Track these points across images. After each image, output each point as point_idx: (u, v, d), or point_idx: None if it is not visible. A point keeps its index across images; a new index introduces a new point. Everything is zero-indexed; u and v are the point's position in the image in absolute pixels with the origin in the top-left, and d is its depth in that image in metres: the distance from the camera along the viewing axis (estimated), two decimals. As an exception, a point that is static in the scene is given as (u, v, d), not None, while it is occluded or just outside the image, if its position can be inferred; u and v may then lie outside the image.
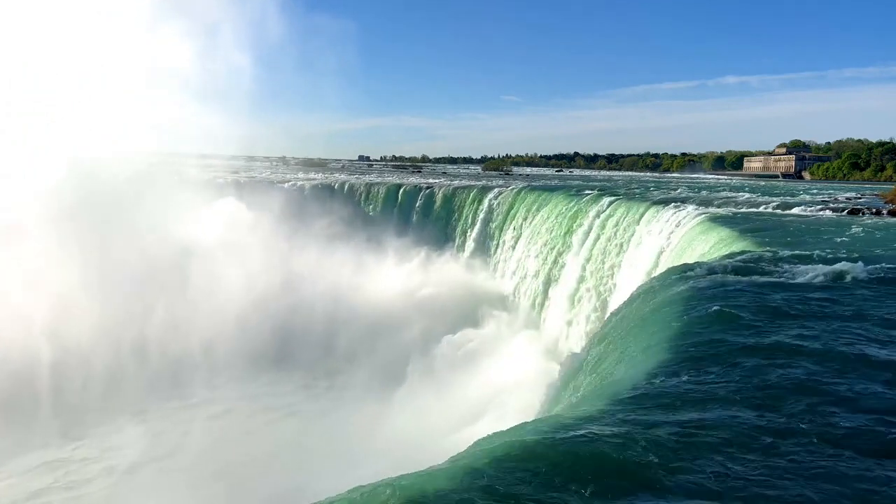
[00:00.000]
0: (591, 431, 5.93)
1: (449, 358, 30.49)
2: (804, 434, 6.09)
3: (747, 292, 11.31)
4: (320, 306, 36.35)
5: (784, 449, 5.81)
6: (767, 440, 5.94)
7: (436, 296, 38.69)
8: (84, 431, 26.48)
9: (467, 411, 22.45)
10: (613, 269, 28.01)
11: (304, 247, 41.55)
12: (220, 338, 31.84)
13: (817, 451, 5.80)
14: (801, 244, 16.90)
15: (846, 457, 5.70)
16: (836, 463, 5.59)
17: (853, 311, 10.35)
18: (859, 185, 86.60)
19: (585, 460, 5.39)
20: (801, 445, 5.89)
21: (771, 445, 5.86)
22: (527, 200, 42.41)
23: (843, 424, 6.32)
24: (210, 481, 21.24)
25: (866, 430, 6.22)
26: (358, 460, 19.03)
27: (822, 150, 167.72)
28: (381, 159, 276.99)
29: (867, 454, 5.76)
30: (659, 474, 5.26)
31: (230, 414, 28.55)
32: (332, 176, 70.65)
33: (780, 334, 9.00)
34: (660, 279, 13.90)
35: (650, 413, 6.50)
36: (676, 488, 5.08)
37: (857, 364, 7.91)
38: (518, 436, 6.04)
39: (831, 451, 5.80)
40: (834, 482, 5.27)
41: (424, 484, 5.08)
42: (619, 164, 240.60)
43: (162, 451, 24.82)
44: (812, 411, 6.60)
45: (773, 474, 5.34)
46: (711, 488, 5.10)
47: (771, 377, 7.44)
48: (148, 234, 32.08)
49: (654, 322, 10.52)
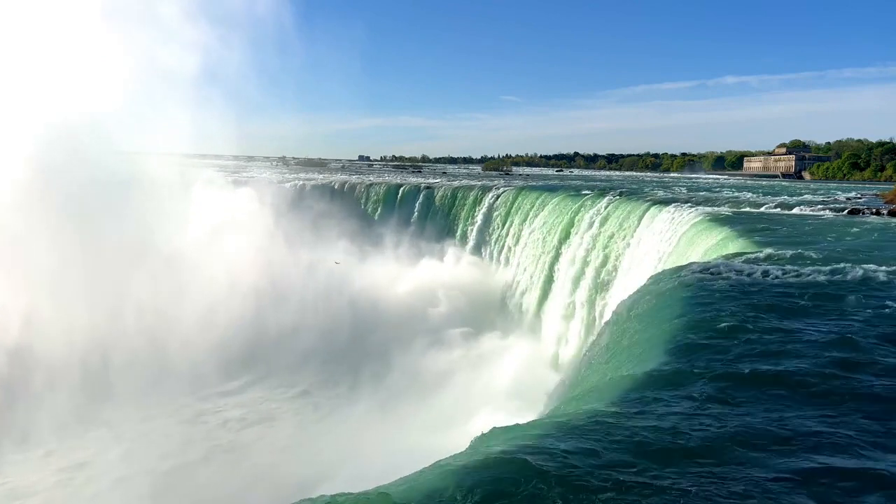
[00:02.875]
0: (592, 431, 5.91)
1: (447, 358, 30.45)
2: (804, 435, 6.08)
3: (747, 292, 11.30)
4: (310, 307, 35.51)
5: (782, 449, 5.80)
6: (767, 440, 5.93)
7: (435, 296, 38.64)
8: (45, 438, 24.25)
9: (467, 411, 22.42)
10: (613, 269, 27.99)
11: (303, 247, 41.39)
12: (199, 340, 30.05)
13: (819, 451, 5.79)
14: (802, 244, 16.89)
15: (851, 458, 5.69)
16: (838, 463, 5.58)
17: (853, 310, 10.35)
18: (859, 185, 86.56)
19: (585, 460, 5.38)
20: (800, 446, 5.88)
21: (771, 445, 5.85)
22: (527, 200, 42.37)
23: (846, 425, 6.31)
24: (178, 491, 20.20)
25: (870, 429, 6.21)
26: (347, 465, 18.72)
27: (822, 150, 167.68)
28: (381, 159, 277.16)
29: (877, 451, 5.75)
30: (659, 474, 5.25)
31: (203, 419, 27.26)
32: (333, 176, 70.62)
33: (780, 334, 9.00)
34: (660, 279, 13.89)
35: (650, 413, 6.48)
36: (677, 488, 5.07)
37: (858, 364, 7.90)
38: (518, 435, 6.03)
39: (835, 452, 5.79)
40: (837, 482, 5.26)
41: (424, 483, 5.07)
42: (619, 164, 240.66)
43: (129, 459, 22.95)
44: (813, 411, 6.59)
45: (772, 474, 5.33)
46: (712, 488, 5.08)
47: (771, 377, 7.43)
48: (126, 232, 30.00)
49: (655, 322, 10.51)
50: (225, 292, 33.06)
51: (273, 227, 41.22)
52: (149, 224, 31.66)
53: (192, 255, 33.57)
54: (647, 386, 7.33)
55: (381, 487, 5.03)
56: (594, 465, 5.32)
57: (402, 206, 52.34)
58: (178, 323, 30.24)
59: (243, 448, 24.43)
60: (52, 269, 27.11)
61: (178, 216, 34.94)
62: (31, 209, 27.32)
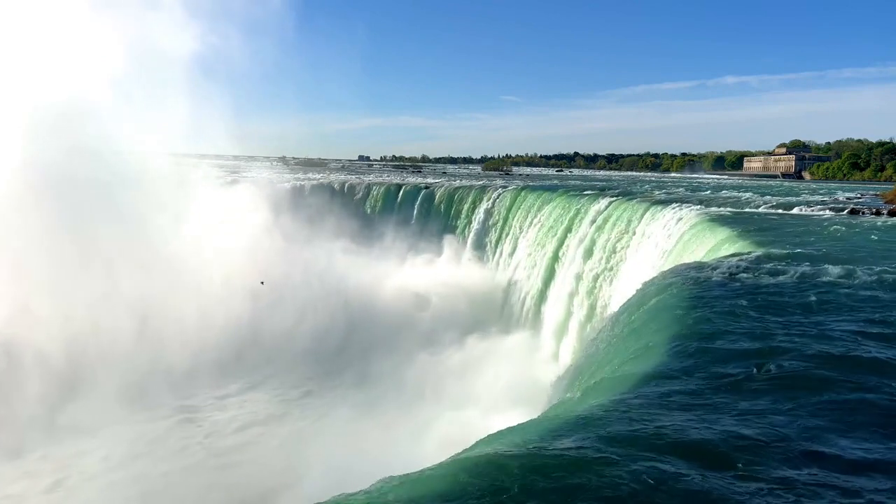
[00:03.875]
0: (592, 431, 5.92)
1: (447, 358, 30.44)
2: (804, 435, 6.09)
3: (747, 292, 11.30)
4: (308, 308, 35.37)
5: (779, 449, 5.80)
6: (768, 440, 5.94)
7: (434, 296, 38.62)
8: (27, 445, 23.75)
9: (466, 411, 22.42)
10: (613, 268, 27.98)
11: (301, 246, 41.27)
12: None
13: (819, 451, 5.80)
14: (802, 244, 16.90)
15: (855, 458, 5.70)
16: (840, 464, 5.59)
17: (853, 310, 10.35)
18: (859, 185, 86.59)
19: (585, 459, 5.38)
20: (800, 446, 5.89)
21: (769, 446, 5.85)
22: (527, 200, 42.36)
23: (850, 427, 6.31)
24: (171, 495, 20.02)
25: (870, 430, 6.22)
26: (347, 465, 18.65)
27: (822, 150, 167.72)
28: (381, 159, 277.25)
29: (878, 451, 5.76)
30: (660, 473, 5.25)
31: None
32: (333, 176, 70.60)
33: (780, 334, 9.00)
34: (660, 279, 13.89)
35: (650, 413, 6.49)
36: (677, 488, 5.07)
37: (859, 364, 7.91)
38: (519, 435, 6.04)
39: (839, 452, 5.80)
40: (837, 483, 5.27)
41: (424, 483, 5.07)
42: (619, 164, 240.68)
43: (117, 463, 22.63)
44: (813, 412, 6.60)
45: (774, 474, 5.34)
46: (712, 489, 5.09)
47: (770, 377, 7.44)
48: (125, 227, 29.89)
49: (654, 322, 10.52)
50: (219, 293, 32.93)
51: (271, 227, 41.13)
52: (142, 223, 31.41)
53: (187, 254, 33.32)
54: (648, 385, 7.34)
55: (385, 486, 5.03)
56: (595, 464, 5.33)
57: (402, 206, 52.34)
58: (172, 323, 29.97)
59: (231, 453, 24.07)
60: (39, 268, 26.75)
61: (176, 215, 34.74)
62: (24, 206, 27.04)
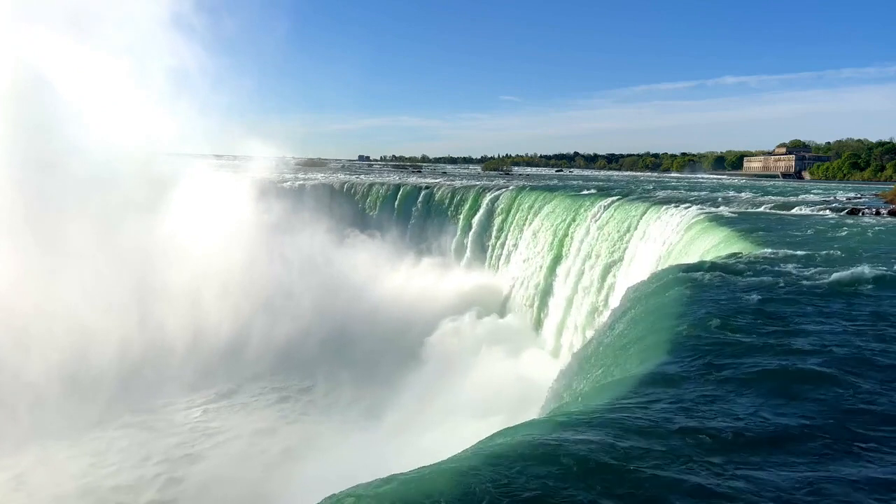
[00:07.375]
0: (592, 431, 5.92)
1: (447, 359, 30.45)
2: (803, 435, 6.09)
3: (747, 292, 11.30)
4: (306, 309, 35.34)
5: (782, 448, 5.81)
6: (768, 439, 5.94)
7: (434, 296, 38.65)
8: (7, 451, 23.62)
9: (465, 412, 22.42)
10: (613, 268, 27.99)
11: (300, 247, 41.26)
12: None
13: (819, 451, 5.80)
14: (802, 244, 16.90)
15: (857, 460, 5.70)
16: (842, 465, 5.59)
17: (853, 310, 10.36)
18: (859, 185, 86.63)
19: (586, 459, 5.38)
20: (800, 446, 5.89)
21: (769, 445, 5.86)
22: (527, 200, 42.38)
23: (849, 427, 6.31)
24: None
25: (871, 430, 6.23)
26: (346, 463, 18.64)
27: (822, 150, 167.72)
28: (380, 159, 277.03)
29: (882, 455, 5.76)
30: (660, 474, 5.25)
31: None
32: (333, 176, 70.57)
33: (780, 334, 9.01)
34: (660, 279, 13.89)
35: (651, 412, 6.49)
36: (677, 488, 5.07)
37: (859, 363, 7.91)
38: (519, 435, 6.03)
39: (839, 452, 5.80)
40: (839, 483, 5.27)
41: (425, 483, 5.07)
42: (619, 164, 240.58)
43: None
44: (815, 411, 6.60)
45: (774, 474, 5.34)
46: (712, 489, 5.09)
47: (769, 376, 7.44)
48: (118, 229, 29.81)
49: (654, 322, 10.52)
50: (215, 294, 32.89)
51: (270, 227, 41.14)
52: (134, 222, 31.30)
53: (180, 254, 33.23)
54: (649, 385, 7.34)
55: (386, 484, 5.03)
56: (595, 464, 5.33)
57: (402, 206, 52.35)
58: (157, 327, 29.80)
59: (206, 459, 24.18)
60: (26, 270, 26.53)
61: (172, 214, 34.65)
62: (18, 204, 26.91)
